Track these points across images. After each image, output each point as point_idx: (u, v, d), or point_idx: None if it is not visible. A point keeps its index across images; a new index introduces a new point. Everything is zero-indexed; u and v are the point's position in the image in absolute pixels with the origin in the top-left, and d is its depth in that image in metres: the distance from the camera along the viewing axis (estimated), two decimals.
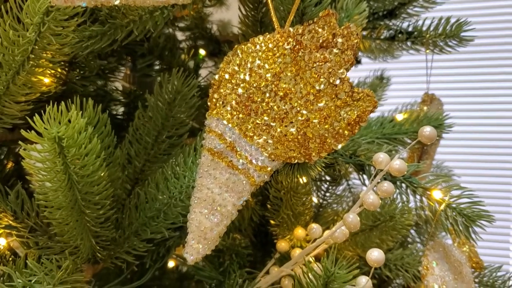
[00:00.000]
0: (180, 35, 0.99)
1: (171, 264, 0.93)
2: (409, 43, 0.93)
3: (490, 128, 2.34)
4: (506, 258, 2.28)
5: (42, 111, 0.48)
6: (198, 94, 0.66)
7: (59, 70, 0.64)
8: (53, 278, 0.54)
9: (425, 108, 0.96)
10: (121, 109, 0.90)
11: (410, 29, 0.92)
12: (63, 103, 0.47)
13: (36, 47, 0.54)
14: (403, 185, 0.69)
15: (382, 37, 0.95)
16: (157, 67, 0.91)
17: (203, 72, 0.92)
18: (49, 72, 0.60)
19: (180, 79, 0.65)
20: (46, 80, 0.62)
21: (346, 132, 0.50)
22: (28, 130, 0.47)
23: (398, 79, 1.42)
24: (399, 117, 0.95)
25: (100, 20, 0.58)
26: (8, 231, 0.64)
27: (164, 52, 0.82)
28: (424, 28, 0.91)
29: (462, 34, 0.86)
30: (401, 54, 1.03)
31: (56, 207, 0.53)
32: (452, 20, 0.87)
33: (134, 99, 0.81)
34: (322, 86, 0.50)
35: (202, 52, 0.89)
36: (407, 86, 1.94)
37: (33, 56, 0.55)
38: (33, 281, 0.52)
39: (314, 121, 0.50)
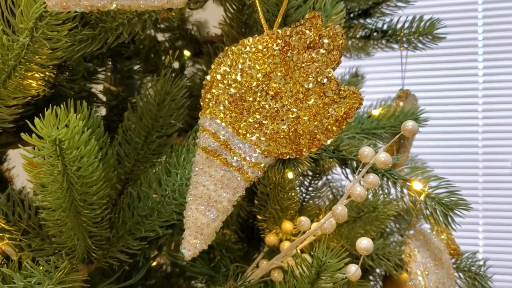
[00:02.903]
0: (160, 36, 1.00)
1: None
2: (384, 41, 0.97)
3: (459, 122, 2.42)
4: (476, 247, 2.36)
5: (40, 114, 0.49)
6: (186, 95, 0.68)
7: (47, 73, 0.65)
8: (51, 279, 0.55)
9: (401, 103, 1.00)
10: (103, 111, 0.91)
11: (384, 27, 0.96)
12: (62, 106, 0.48)
13: (29, 51, 0.55)
14: (384, 177, 0.72)
15: (358, 35, 0.98)
16: (137, 68, 0.92)
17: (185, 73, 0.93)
18: (38, 75, 0.61)
19: (168, 80, 0.66)
20: (34, 84, 0.63)
21: (334, 128, 0.52)
22: (26, 133, 0.48)
23: (373, 76, 1.46)
24: (375, 112, 0.99)
25: (90, 24, 0.59)
26: (0, 234, 0.64)
27: (149, 54, 0.83)
28: (399, 26, 0.94)
29: (435, 32, 0.90)
30: (376, 52, 1.06)
31: (54, 208, 0.54)
32: (425, 19, 0.90)
33: (122, 101, 0.82)
34: (310, 85, 0.52)
35: (186, 53, 0.90)
36: (381, 82, 2.00)
37: (24, 60, 0.56)
38: (32, 282, 0.53)
39: (304, 118, 0.52)
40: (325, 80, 0.52)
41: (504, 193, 2.37)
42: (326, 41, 0.52)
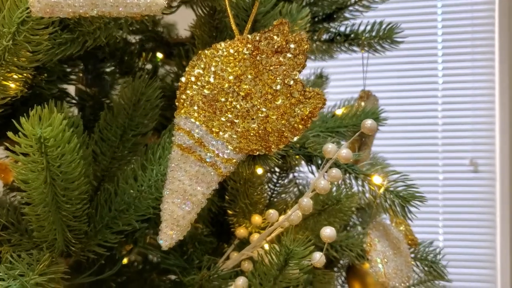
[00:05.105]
0: (131, 38, 1.02)
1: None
2: (346, 45, 1.02)
3: (420, 121, 2.52)
4: (436, 235, 2.47)
5: (17, 114, 0.52)
6: (160, 96, 0.72)
7: (25, 74, 0.67)
8: (33, 271, 0.58)
9: (362, 103, 1.05)
10: (75, 111, 0.93)
11: (347, 31, 1.01)
12: (45, 106, 0.51)
13: (10, 54, 0.57)
14: (347, 172, 0.77)
15: (322, 39, 1.03)
16: (110, 70, 0.95)
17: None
18: (17, 77, 0.64)
19: (143, 81, 0.70)
20: (12, 85, 0.65)
21: (300, 126, 0.57)
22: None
23: (337, 76, 1.52)
24: (339, 111, 1.04)
25: (69, 28, 0.62)
26: None
27: (124, 56, 0.86)
28: (360, 31, 1.00)
29: (394, 36, 0.96)
30: (339, 54, 1.12)
31: (36, 203, 0.56)
32: (385, 24, 0.96)
33: (96, 101, 0.85)
34: (278, 86, 0.57)
35: (159, 55, 0.94)
36: (345, 82, 2.07)
37: (5, 62, 0.58)
38: (16, 274, 0.56)
39: (272, 117, 0.57)
40: (291, 82, 0.57)
41: (462, 190, 2.48)
42: (292, 46, 0.57)
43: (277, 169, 0.97)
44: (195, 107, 0.58)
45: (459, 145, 2.49)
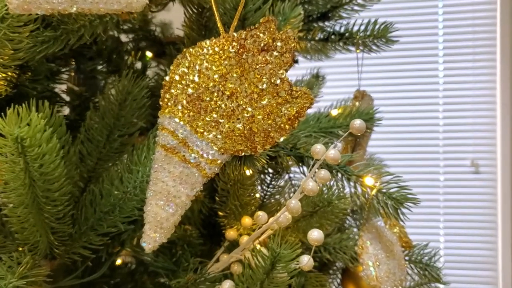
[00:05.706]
0: (123, 37, 1.01)
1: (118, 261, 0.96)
2: (341, 44, 1.01)
3: (421, 122, 2.50)
4: (437, 236, 2.46)
5: (2, 113, 0.51)
6: (148, 95, 0.70)
7: (9, 73, 0.66)
8: (14, 274, 0.57)
9: (357, 103, 1.04)
10: (66, 111, 0.92)
11: (342, 30, 1.00)
12: (24, 105, 0.50)
13: None
14: (339, 174, 0.76)
15: (316, 38, 1.02)
16: (100, 68, 0.94)
17: (148, 73, 0.95)
18: (0, 75, 0.62)
19: (130, 80, 0.69)
20: None
21: (287, 126, 0.56)
22: None
23: (333, 76, 1.50)
24: (334, 112, 1.03)
25: (52, 25, 0.60)
26: None
27: (112, 54, 0.85)
28: (355, 30, 0.98)
29: (389, 35, 0.94)
30: (335, 54, 1.10)
31: (17, 204, 0.55)
32: (379, 23, 0.95)
33: (85, 101, 0.84)
34: (264, 85, 0.55)
35: (149, 54, 0.92)
36: (341, 83, 2.05)
37: None
38: None
39: (258, 117, 0.55)
40: (278, 81, 0.55)
41: (463, 191, 2.46)
42: (279, 44, 0.55)
43: (270, 170, 0.95)
44: (179, 107, 0.56)
45: (460, 146, 2.47)
